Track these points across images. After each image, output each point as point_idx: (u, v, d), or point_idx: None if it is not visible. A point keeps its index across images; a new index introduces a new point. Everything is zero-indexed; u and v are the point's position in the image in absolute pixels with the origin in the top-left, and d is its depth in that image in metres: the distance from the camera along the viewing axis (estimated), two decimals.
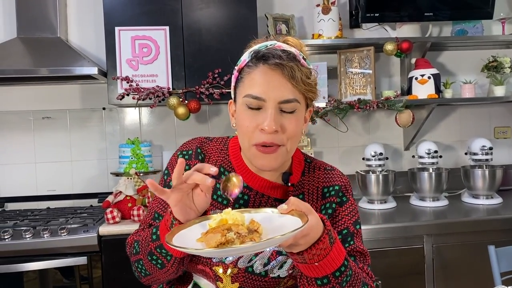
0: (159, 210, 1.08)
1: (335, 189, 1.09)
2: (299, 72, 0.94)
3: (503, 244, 1.90)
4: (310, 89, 0.98)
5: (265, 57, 0.95)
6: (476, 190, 2.57)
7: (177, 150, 1.13)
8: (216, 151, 1.11)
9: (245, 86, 0.98)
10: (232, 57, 2.42)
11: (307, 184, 1.10)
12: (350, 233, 1.06)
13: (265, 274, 1.02)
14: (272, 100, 0.95)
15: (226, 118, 2.81)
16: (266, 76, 0.95)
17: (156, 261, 0.97)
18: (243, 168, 1.07)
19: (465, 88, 2.70)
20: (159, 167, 2.71)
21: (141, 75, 2.40)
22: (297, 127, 0.98)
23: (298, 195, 1.07)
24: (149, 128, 2.76)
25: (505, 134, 3.02)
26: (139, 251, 1.01)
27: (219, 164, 1.09)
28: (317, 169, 1.13)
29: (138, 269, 1.04)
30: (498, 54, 2.79)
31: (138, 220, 2.17)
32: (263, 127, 0.94)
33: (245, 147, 1.00)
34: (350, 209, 1.09)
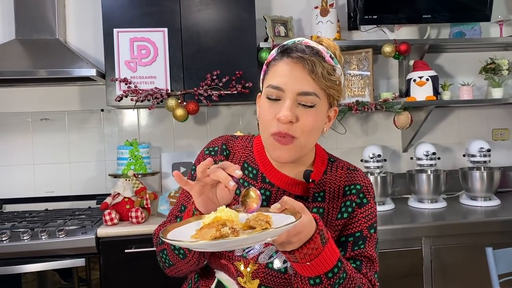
0: (185, 202, 1.12)
1: (356, 188, 1.10)
2: (321, 67, 0.96)
3: (501, 246, 1.90)
4: (331, 86, 0.99)
5: (289, 51, 0.98)
6: (474, 192, 2.58)
7: (204, 147, 1.18)
8: (241, 148, 1.15)
9: (268, 78, 1.02)
10: (231, 59, 2.46)
11: (328, 183, 1.10)
12: (362, 237, 1.06)
13: (285, 271, 1.03)
14: (291, 91, 0.97)
15: (225, 119, 2.81)
16: (288, 68, 0.98)
17: (179, 251, 1.01)
18: (267, 164, 1.10)
19: (463, 90, 2.70)
20: (157, 169, 2.71)
21: (140, 77, 2.40)
22: (314, 122, 0.99)
23: (319, 192, 1.09)
24: (148, 129, 2.76)
25: (503, 136, 3.02)
26: (164, 242, 1.05)
27: (243, 160, 1.12)
28: (340, 168, 1.14)
29: (162, 259, 1.08)
30: (496, 56, 2.80)
31: (136, 222, 2.17)
32: (279, 116, 0.97)
33: (265, 137, 1.03)
34: (368, 212, 1.09)
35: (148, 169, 2.50)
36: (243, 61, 2.45)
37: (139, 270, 2.13)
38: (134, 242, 2.12)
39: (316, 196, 1.08)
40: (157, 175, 2.66)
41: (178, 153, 2.76)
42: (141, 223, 2.18)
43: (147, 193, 2.27)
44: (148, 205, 2.26)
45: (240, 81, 2.43)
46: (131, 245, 2.12)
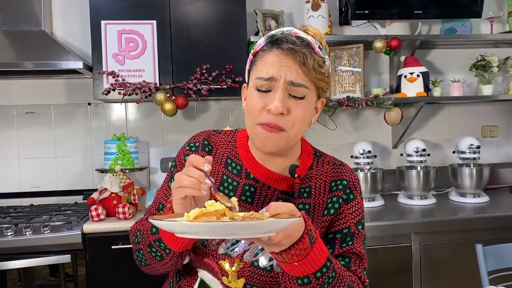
0: (163, 200, 1.09)
1: (342, 184, 1.07)
2: (312, 59, 0.94)
3: (490, 242, 1.90)
4: (321, 78, 0.97)
5: (279, 42, 0.95)
6: (463, 189, 2.58)
7: (185, 142, 1.15)
8: (224, 143, 1.12)
9: (257, 69, 0.99)
10: (221, 52, 2.42)
11: (314, 178, 1.08)
12: (350, 233, 1.04)
13: (271, 269, 1.00)
14: (281, 83, 0.95)
15: (214, 114, 2.77)
16: (278, 59, 0.95)
17: (156, 253, 0.98)
18: (251, 160, 1.07)
19: (453, 87, 2.70)
20: (145, 164, 2.67)
21: (128, 70, 2.36)
22: (304, 113, 0.98)
23: (305, 188, 1.06)
24: (136, 124, 2.71)
25: (492, 133, 3.03)
26: (140, 241, 1.02)
27: (226, 155, 1.09)
28: (326, 163, 1.11)
29: (138, 258, 1.06)
30: (486, 53, 2.80)
31: (123, 218, 2.14)
32: (269, 108, 0.94)
33: (250, 126, 1.00)
34: (355, 208, 1.07)
35: (136, 164, 2.46)
36: (234, 55, 2.42)
37: (126, 267, 2.09)
38: (121, 238, 2.08)
39: (302, 192, 1.05)
40: (145, 170, 2.62)
41: (166, 148, 2.72)
42: (128, 219, 2.15)
43: (134, 189, 2.23)
44: (136, 200, 2.22)
45: (230, 75, 2.39)
46: (118, 241, 2.08)
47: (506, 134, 3.04)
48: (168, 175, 1.13)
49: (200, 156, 0.88)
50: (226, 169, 1.08)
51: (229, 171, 1.08)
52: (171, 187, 0.87)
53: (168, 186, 1.10)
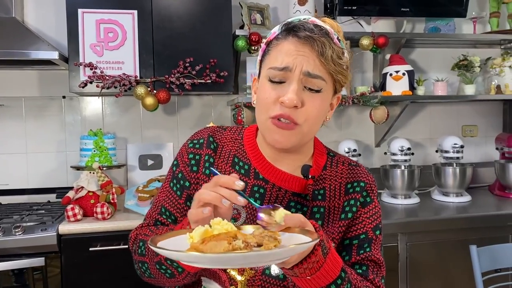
0: (166, 204, 1.00)
1: (360, 186, 1.00)
2: (330, 49, 0.87)
3: (475, 242, 1.88)
4: (340, 71, 0.90)
5: (296, 29, 0.88)
6: (446, 188, 2.58)
7: (188, 139, 1.05)
8: (230, 140, 1.03)
9: (270, 59, 0.91)
10: (205, 45, 2.33)
11: (328, 179, 1.00)
12: (368, 239, 0.97)
13: (284, 278, 0.92)
14: (297, 73, 0.87)
15: (196, 110, 2.68)
16: (294, 48, 0.88)
17: (165, 271, 0.89)
18: (260, 158, 0.99)
19: (437, 86, 2.70)
20: (123, 161, 2.55)
21: (106, 62, 2.23)
22: (320, 108, 0.90)
23: (319, 190, 0.98)
24: (113, 119, 2.58)
25: (472, 132, 3.06)
26: (145, 254, 0.93)
27: (233, 153, 1.01)
28: (341, 163, 1.04)
29: (141, 270, 0.96)
30: (468, 53, 2.81)
31: (102, 218, 2.02)
32: (283, 99, 0.87)
33: (261, 120, 0.92)
34: (373, 212, 1.00)
35: (114, 162, 2.34)
36: (218, 48, 2.33)
37: (104, 270, 1.98)
38: (100, 239, 1.97)
39: (316, 194, 0.98)
40: (123, 168, 2.50)
41: (145, 145, 2.61)
42: (107, 219, 2.03)
43: (113, 187, 2.11)
44: (115, 200, 2.11)
45: (215, 69, 2.30)
46: (96, 243, 1.97)
47: (485, 134, 3.07)
48: (169, 175, 1.04)
49: (222, 175, 0.79)
50: (233, 168, 0.99)
51: (236, 170, 0.99)
52: (194, 200, 0.79)
53: (169, 187, 1.02)
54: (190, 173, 1.00)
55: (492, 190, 2.76)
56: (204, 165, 1.00)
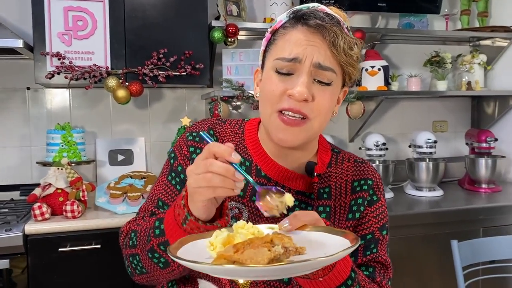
0: (163, 197, 0.93)
1: (367, 184, 0.96)
2: (342, 39, 0.81)
3: (448, 236, 1.90)
4: (351, 63, 0.84)
5: (306, 17, 0.82)
6: (420, 183, 2.61)
7: (185, 131, 0.99)
8: (230, 134, 0.97)
9: (277, 49, 0.85)
10: (180, 36, 2.24)
11: (334, 177, 0.95)
12: (374, 239, 0.93)
13: (289, 281, 0.88)
14: (307, 65, 0.81)
15: (168, 103, 2.58)
16: (304, 37, 0.82)
17: (158, 260, 0.81)
18: (262, 154, 0.93)
19: (411, 82, 2.72)
20: (92, 156, 2.43)
21: (75, 52, 2.11)
22: (330, 102, 0.85)
23: (324, 188, 0.93)
24: (81, 112, 2.46)
25: (442, 128, 3.11)
26: (136, 244, 0.85)
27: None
28: (346, 160, 0.99)
29: (132, 265, 0.88)
30: (440, 49, 2.85)
31: (72, 217, 1.91)
32: (292, 92, 0.81)
33: (266, 115, 0.86)
34: (380, 211, 0.96)
35: (83, 157, 2.22)
36: (193, 39, 2.25)
37: (75, 271, 1.88)
38: (70, 239, 1.86)
39: (321, 193, 0.93)
40: (92, 163, 2.38)
41: (115, 139, 2.50)
42: (77, 217, 1.92)
43: (83, 184, 2.00)
44: (85, 197, 2.00)
45: (190, 61, 2.23)
46: (66, 243, 1.86)
47: (455, 129, 3.13)
48: (166, 168, 0.97)
49: (215, 143, 0.72)
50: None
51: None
52: (188, 186, 0.72)
53: (167, 180, 0.95)
54: None
55: (462, 184, 2.81)
56: None
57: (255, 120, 0.99)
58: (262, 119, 0.91)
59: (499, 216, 2.32)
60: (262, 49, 0.92)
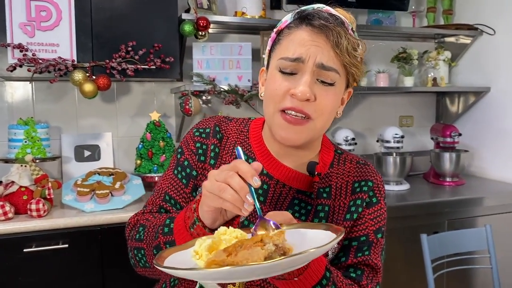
0: (170, 191, 0.95)
1: (368, 185, 0.96)
2: (346, 40, 0.82)
3: (415, 229, 1.95)
4: (354, 63, 0.85)
5: (310, 17, 0.83)
6: (387, 177, 2.66)
7: (192, 127, 1.00)
8: (235, 132, 0.99)
9: (281, 48, 0.86)
10: (149, 29, 2.18)
11: (335, 177, 0.96)
12: (368, 242, 0.93)
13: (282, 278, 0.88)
14: (310, 64, 0.82)
15: (136, 97, 2.52)
16: (308, 37, 0.82)
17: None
18: (265, 153, 0.95)
19: (379, 77, 2.76)
20: (57, 152, 2.35)
21: (39, 44, 2.02)
22: (332, 102, 0.86)
23: (324, 188, 0.94)
24: (45, 106, 2.36)
25: (408, 123, 3.18)
26: (143, 239, 0.87)
27: (238, 146, 0.95)
28: (349, 161, 0.99)
29: (136, 258, 0.89)
30: (407, 45, 2.91)
31: (37, 216, 1.84)
32: (294, 92, 0.82)
33: (269, 113, 0.87)
34: (377, 214, 0.96)
35: (48, 153, 2.14)
36: (163, 32, 2.20)
37: (42, 272, 1.81)
38: (35, 239, 1.79)
39: (321, 192, 0.94)
40: (58, 160, 2.30)
41: (81, 135, 2.42)
42: (43, 216, 1.85)
43: (49, 182, 1.93)
44: (51, 195, 1.92)
45: (159, 55, 2.17)
46: (31, 243, 1.79)
47: (420, 124, 3.20)
48: (173, 163, 0.99)
49: (244, 161, 0.72)
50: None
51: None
52: (203, 187, 0.73)
53: (173, 174, 0.97)
54: (197, 163, 0.96)
55: (427, 178, 2.89)
56: (210, 155, 0.95)
57: (260, 120, 1.01)
58: (265, 118, 0.92)
59: (463, 209, 2.40)
60: (267, 49, 0.92)
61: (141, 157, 2.29)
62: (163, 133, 2.31)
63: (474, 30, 2.81)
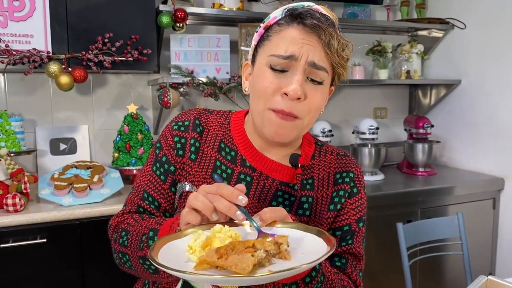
0: (148, 188, 0.94)
1: (349, 176, 0.99)
2: (336, 41, 0.84)
3: (390, 218, 1.99)
4: (342, 64, 0.87)
5: (303, 16, 0.84)
6: (363, 167, 2.71)
7: (171, 121, 0.99)
8: (216, 124, 0.98)
9: (271, 45, 0.86)
10: (126, 20, 2.16)
11: (317, 169, 0.98)
12: (351, 231, 0.97)
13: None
14: (302, 63, 0.84)
15: (113, 90, 2.49)
16: (300, 36, 0.84)
17: (149, 267, 0.83)
18: (247, 145, 0.95)
19: (355, 70, 2.81)
20: (32, 146, 2.30)
21: (12, 34, 1.97)
22: (320, 100, 0.88)
23: (307, 179, 0.96)
24: (18, 99, 2.30)
25: (382, 114, 3.25)
26: (127, 245, 0.86)
27: (219, 138, 0.96)
28: (329, 153, 1.01)
29: (121, 260, 0.89)
30: (381, 38, 2.96)
31: (14, 211, 1.80)
32: (286, 91, 0.83)
33: (258, 110, 0.88)
34: (358, 204, 0.99)
35: (23, 147, 2.10)
36: (140, 24, 2.18)
37: (19, 268, 1.78)
38: (12, 234, 1.76)
39: (304, 184, 0.96)
40: (33, 153, 2.26)
41: (56, 128, 2.37)
42: (19, 211, 1.82)
43: (25, 176, 1.89)
44: (27, 189, 1.89)
45: (137, 46, 2.15)
46: (8, 239, 1.76)
47: (394, 116, 3.28)
48: (152, 158, 0.98)
49: (226, 184, 0.73)
50: (219, 154, 0.95)
51: (222, 156, 0.95)
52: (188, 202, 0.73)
53: (152, 171, 0.96)
54: (175, 157, 0.95)
55: (401, 168, 2.97)
56: (190, 149, 0.95)
57: (241, 113, 1.02)
58: (253, 114, 0.92)
59: (435, 198, 2.48)
60: (253, 44, 0.92)
61: (118, 150, 2.27)
62: (141, 125, 2.29)
63: (445, 24, 2.88)
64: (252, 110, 0.91)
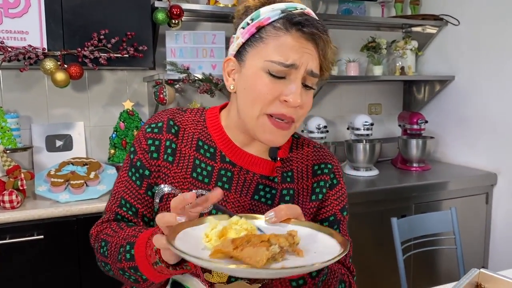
0: (125, 195, 0.93)
1: (328, 168, 1.01)
2: (329, 48, 0.87)
3: (384, 213, 2.01)
4: (329, 68, 0.90)
5: (302, 24, 0.83)
6: (357, 163, 2.74)
7: (144, 123, 0.98)
8: (191, 122, 0.98)
9: (268, 50, 0.85)
10: (121, 17, 2.16)
11: (295, 161, 1.00)
12: (336, 220, 1.00)
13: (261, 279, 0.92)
14: (301, 71, 0.84)
15: (108, 86, 2.49)
16: (299, 44, 0.84)
17: (129, 277, 0.84)
18: (226, 141, 0.96)
19: (350, 66, 2.82)
20: (27, 142, 2.30)
21: (7, 31, 1.97)
22: (311, 103, 0.91)
23: (287, 172, 0.98)
24: (13, 95, 2.30)
25: (376, 110, 3.27)
26: (107, 256, 0.87)
27: (196, 136, 0.96)
28: (306, 145, 1.04)
29: (105, 269, 0.91)
30: (376, 35, 2.98)
31: (11, 207, 1.81)
32: (287, 99, 0.84)
33: (253, 115, 0.87)
34: (340, 194, 1.02)
35: (19, 143, 2.10)
36: (136, 21, 2.18)
37: (17, 264, 1.79)
38: (9, 231, 1.77)
39: (284, 177, 0.98)
40: (29, 150, 2.26)
41: (52, 124, 2.37)
42: (16, 208, 1.82)
43: (22, 173, 1.90)
44: (24, 186, 1.89)
45: (132, 43, 2.16)
46: (5, 235, 1.76)
47: (388, 111, 3.30)
48: (127, 163, 0.97)
49: (169, 214, 0.72)
50: (197, 152, 0.95)
51: (201, 154, 0.95)
52: (173, 208, 0.73)
53: (128, 176, 0.95)
54: (150, 160, 0.95)
55: (395, 163, 2.99)
56: (166, 151, 0.94)
57: (215, 109, 1.01)
58: (244, 116, 0.90)
59: (429, 193, 2.51)
60: (241, 41, 0.89)
61: (114, 147, 2.27)
62: (137, 122, 2.30)
63: (439, 21, 2.90)
64: (244, 113, 0.90)
